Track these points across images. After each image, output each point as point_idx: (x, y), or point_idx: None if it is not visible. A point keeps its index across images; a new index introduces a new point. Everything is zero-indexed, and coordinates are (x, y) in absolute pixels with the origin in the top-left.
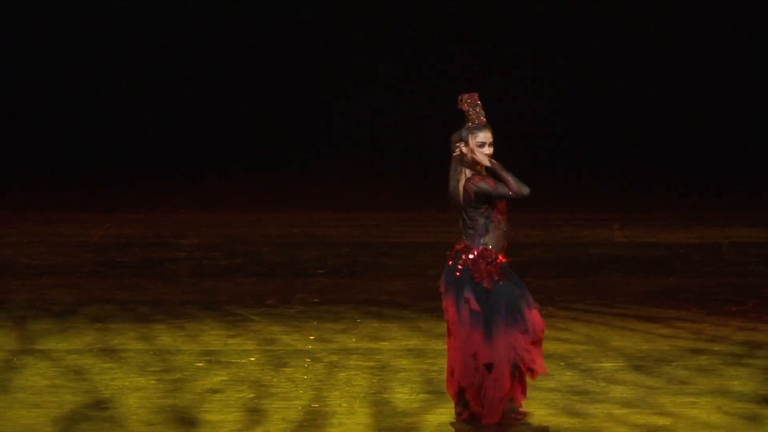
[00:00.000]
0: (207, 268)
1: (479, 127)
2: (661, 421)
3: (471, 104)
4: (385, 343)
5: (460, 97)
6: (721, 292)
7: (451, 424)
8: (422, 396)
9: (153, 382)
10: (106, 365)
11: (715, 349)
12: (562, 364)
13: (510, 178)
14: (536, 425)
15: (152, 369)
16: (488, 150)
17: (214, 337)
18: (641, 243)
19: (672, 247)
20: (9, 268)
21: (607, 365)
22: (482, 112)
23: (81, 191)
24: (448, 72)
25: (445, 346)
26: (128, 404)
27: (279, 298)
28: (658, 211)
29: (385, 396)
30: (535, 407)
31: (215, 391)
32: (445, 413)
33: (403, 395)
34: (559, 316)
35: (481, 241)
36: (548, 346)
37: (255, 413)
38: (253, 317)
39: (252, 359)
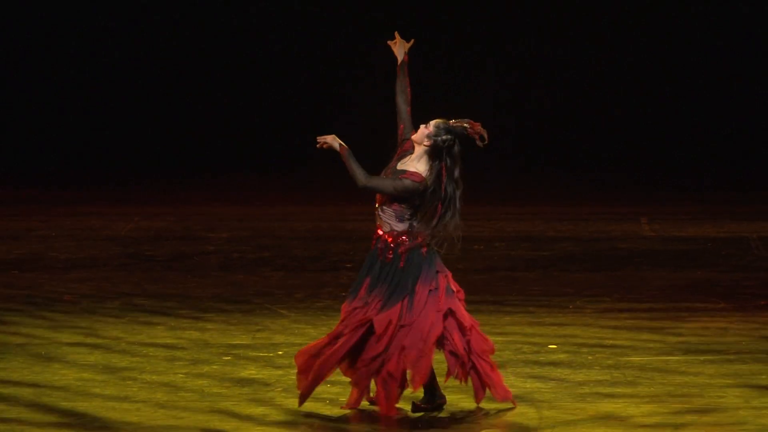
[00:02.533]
0: (236, 261)
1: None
2: (689, 416)
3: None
4: None
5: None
6: (749, 287)
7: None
8: (449, 390)
9: (181, 375)
10: (134, 359)
11: (743, 343)
12: (590, 358)
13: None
14: (565, 417)
15: (181, 362)
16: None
17: (242, 330)
18: (669, 237)
19: (700, 241)
20: (38, 261)
21: (635, 359)
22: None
23: (111, 185)
24: (464, 66)
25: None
26: (156, 398)
27: (307, 292)
28: (687, 205)
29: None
30: (560, 401)
31: (243, 385)
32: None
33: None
34: (587, 310)
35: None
36: (576, 340)
37: (283, 407)
38: (282, 311)
39: (280, 353)
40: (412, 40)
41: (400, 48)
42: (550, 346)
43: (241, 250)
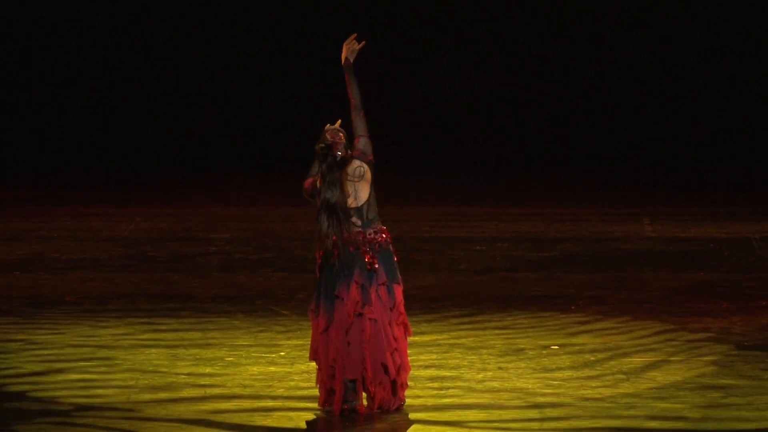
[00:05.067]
0: (237, 262)
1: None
2: (692, 417)
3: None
4: (416, 338)
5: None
6: (751, 287)
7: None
8: (452, 391)
9: (183, 376)
10: (138, 359)
11: (746, 344)
12: (592, 359)
13: None
14: (568, 418)
15: (183, 363)
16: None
17: (244, 331)
18: (671, 238)
19: (702, 242)
20: (40, 262)
21: (638, 360)
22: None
23: (111, 186)
24: (465, 66)
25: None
26: (159, 398)
27: (309, 293)
28: (689, 205)
29: (414, 392)
30: (562, 402)
31: (245, 386)
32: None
33: (430, 389)
34: (589, 311)
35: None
36: (578, 340)
37: (285, 408)
38: (284, 312)
39: (282, 354)
40: (363, 42)
41: (349, 50)
42: (552, 347)
43: (243, 250)
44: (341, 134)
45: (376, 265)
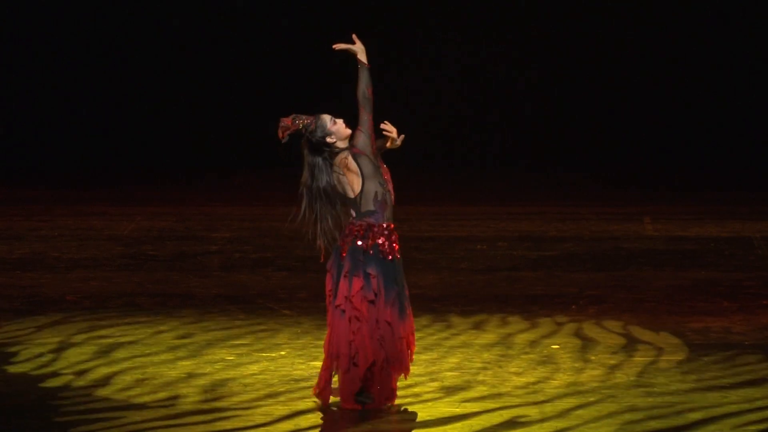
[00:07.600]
0: (238, 261)
1: (319, 118)
2: (693, 416)
3: (294, 124)
4: (416, 336)
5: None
6: (752, 286)
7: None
8: (453, 389)
9: (183, 375)
10: (137, 359)
11: (747, 343)
12: (592, 358)
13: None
14: (568, 417)
15: (183, 362)
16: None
17: (244, 330)
18: (672, 237)
19: (703, 241)
20: (40, 261)
21: (638, 359)
22: (298, 118)
23: (112, 185)
24: (466, 60)
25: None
26: (159, 397)
27: (310, 292)
28: (689, 204)
29: (414, 390)
30: (562, 401)
31: (246, 385)
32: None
33: (430, 388)
34: (589, 310)
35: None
36: (579, 340)
37: (285, 407)
38: (284, 311)
39: (282, 353)
40: (342, 46)
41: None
42: (553, 346)
43: (243, 250)
44: (299, 120)
45: (344, 255)
